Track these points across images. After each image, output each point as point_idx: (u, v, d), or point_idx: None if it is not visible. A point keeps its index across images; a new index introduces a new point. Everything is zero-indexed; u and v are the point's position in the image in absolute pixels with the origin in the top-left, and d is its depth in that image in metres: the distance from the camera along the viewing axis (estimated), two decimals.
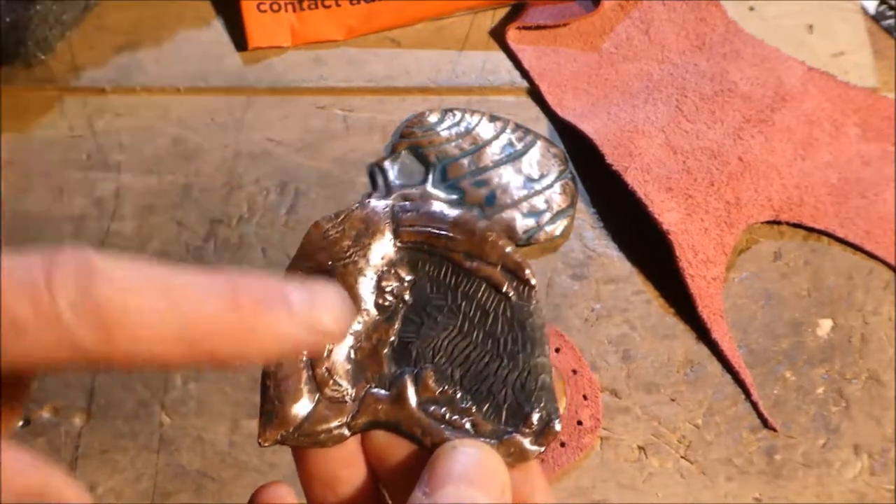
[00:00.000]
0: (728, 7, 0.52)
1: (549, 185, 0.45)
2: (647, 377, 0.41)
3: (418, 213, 0.25)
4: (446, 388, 0.23)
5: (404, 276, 0.25)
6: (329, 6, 0.51)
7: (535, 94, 0.50)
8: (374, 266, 0.24)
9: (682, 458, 0.39)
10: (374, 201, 0.25)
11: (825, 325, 0.43)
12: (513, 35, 0.51)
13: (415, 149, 0.46)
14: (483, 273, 0.24)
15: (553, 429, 0.23)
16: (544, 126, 0.48)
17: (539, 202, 0.45)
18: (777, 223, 0.45)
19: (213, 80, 0.50)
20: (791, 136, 0.47)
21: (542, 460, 0.39)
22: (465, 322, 0.24)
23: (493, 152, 0.46)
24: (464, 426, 0.23)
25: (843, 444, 0.40)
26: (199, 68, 0.50)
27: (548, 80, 0.50)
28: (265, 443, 0.23)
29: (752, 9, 0.53)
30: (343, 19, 0.51)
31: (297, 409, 0.23)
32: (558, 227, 0.44)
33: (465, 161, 0.46)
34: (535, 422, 0.23)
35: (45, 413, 0.40)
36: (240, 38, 0.51)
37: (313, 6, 0.51)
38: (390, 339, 0.24)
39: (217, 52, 0.51)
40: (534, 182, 0.45)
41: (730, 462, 0.39)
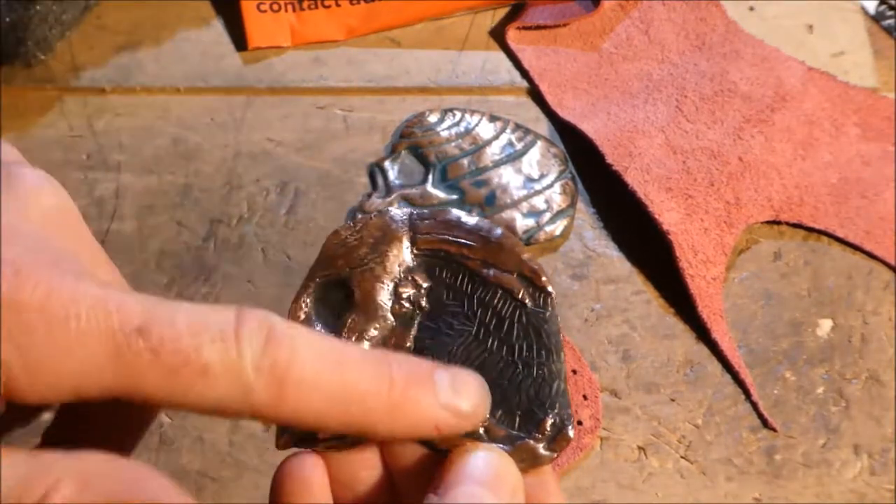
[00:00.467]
0: (728, 7, 0.52)
1: (549, 185, 0.45)
2: (647, 377, 0.41)
3: (435, 221, 0.25)
4: None
5: (421, 283, 0.25)
6: (329, 6, 0.51)
7: (535, 94, 0.50)
8: (391, 273, 0.25)
9: (682, 458, 0.39)
10: (392, 209, 0.25)
11: (825, 325, 0.43)
12: (513, 35, 0.51)
13: (415, 149, 0.46)
14: (499, 280, 0.24)
15: (566, 435, 0.23)
16: (544, 126, 0.48)
17: (539, 202, 0.45)
18: (777, 223, 0.45)
19: (213, 80, 0.50)
20: (791, 136, 0.47)
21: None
22: (481, 329, 0.24)
23: (493, 152, 0.46)
24: (477, 431, 0.23)
25: (843, 444, 0.40)
26: (199, 68, 0.50)
27: (548, 80, 0.50)
28: (282, 448, 0.23)
29: (752, 9, 0.53)
30: (343, 19, 0.51)
31: None
32: (558, 227, 0.44)
33: (465, 161, 0.46)
34: (548, 428, 0.23)
35: (47, 413, 0.40)
36: (240, 38, 0.51)
37: (313, 6, 0.51)
38: (406, 346, 0.25)
39: (217, 52, 0.51)
40: (534, 182, 0.45)
41: (730, 462, 0.39)
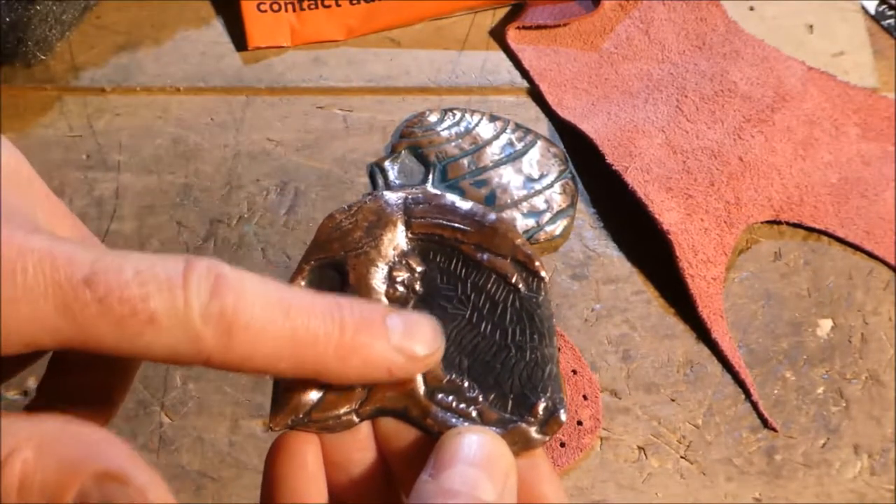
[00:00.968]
0: (728, 7, 0.52)
1: (549, 185, 0.45)
2: (647, 377, 0.41)
3: (430, 205, 0.25)
4: (454, 376, 0.23)
5: (415, 266, 0.25)
6: (329, 6, 0.51)
7: (535, 94, 0.50)
8: (385, 257, 0.25)
9: (681, 458, 0.39)
10: (387, 193, 0.26)
11: (825, 325, 0.43)
12: (513, 35, 0.51)
13: (415, 149, 0.46)
14: (493, 265, 0.24)
15: (558, 418, 0.23)
16: (544, 126, 0.48)
17: (539, 202, 0.45)
18: (777, 223, 0.45)
19: (213, 80, 0.50)
20: (791, 136, 0.47)
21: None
22: (475, 312, 0.24)
23: (493, 152, 0.46)
24: (470, 414, 0.23)
25: (843, 444, 0.40)
26: (199, 68, 0.50)
27: (548, 80, 0.50)
28: (276, 427, 0.23)
29: (752, 9, 0.53)
30: (343, 19, 0.51)
31: (307, 396, 0.23)
32: (558, 227, 0.44)
33: (465, 161, 0.46)
34: (540, 411, 0.23)
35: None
36: (239, 38, 0.51)
37: (313, 6, 0.51)
38: None
39: (217, 52, 0.51)
40: (534, 182, 0.45)
41: (730, 462, 0.39)
